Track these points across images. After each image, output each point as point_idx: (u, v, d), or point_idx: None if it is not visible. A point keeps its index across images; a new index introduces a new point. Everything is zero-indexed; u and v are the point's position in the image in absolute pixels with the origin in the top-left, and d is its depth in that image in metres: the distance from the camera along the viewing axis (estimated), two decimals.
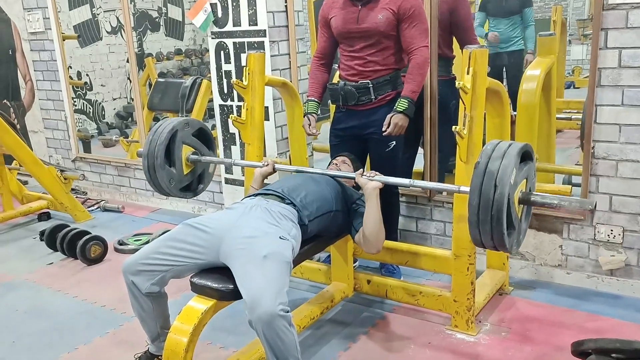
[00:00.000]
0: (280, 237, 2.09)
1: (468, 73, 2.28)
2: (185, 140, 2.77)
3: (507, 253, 2.04)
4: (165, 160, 2.71)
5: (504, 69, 4.87)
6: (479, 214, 1.90)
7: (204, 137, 2.87)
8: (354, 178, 2.40)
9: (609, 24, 2.56)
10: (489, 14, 4.88)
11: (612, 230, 2.76)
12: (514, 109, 3.26)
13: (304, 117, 2.96)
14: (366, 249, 2.41)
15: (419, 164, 3.38)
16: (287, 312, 1.87)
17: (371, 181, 2.33)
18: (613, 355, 2.06)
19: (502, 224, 1.87)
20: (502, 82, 4.71)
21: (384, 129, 2.71)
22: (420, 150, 3.34)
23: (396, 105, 2.70)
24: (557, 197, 2.00)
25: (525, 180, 2.00)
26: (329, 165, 2.78)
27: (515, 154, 1.91)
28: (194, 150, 2.82)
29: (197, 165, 2.85)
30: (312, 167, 3.46)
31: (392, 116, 2.70)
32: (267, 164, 2.62)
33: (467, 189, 1.98)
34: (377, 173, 2.38)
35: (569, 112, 4.67)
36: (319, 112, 2.99)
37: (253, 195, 2.39)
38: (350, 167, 2.68)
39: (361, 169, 2.45)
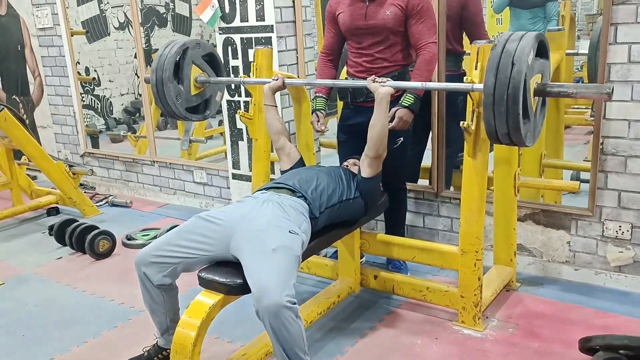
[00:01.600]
0: (290, 232, 2.11)
1: (476, 68, 2.27)
2: (195, 60, 2.76)
3: (522, 145, 1.98)
4: (173, 76, 2.70)
5: None
6: (494, 95, 1.86)
7: (213, 63, 2.87)
8: (366, 86, 2.46)
9: (618, 19, 2.54)
10: (512, 5, 4.81)
11: (620, 227, 2.75)
12: None
13: (312, 113, 2.96)
14: (367, 152, 2.47)
15: (427, 160, 3.37)
16: (294, 303, 1.88)
17: (382, 86, 2.40)
18: (621, 351, 2.06)
19: (517, 104, 1.82)
20: None
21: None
22: (428, 146, 3.33)
23: (402, 99, 2.70)
24: (573, 85, 1.98)
25: (540, 75, 1.98)
26: (340, 166, 2.79)
27: (533, 37, 1.91)
28: (202, 72, 2.81)
29: (205, 88, 2.84)
30: (319, 164, 3.47)
31: (397, 110, 2.69)
32: (277, 78, 2.66)
33: (482, 86, 1.96)
34: (388, 79, 2.46)
35: (577, 108, 4.65)
36: (327, 108, 2.99)
37: (265, 189, 2.40)
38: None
39: (373, 75, 2.49)
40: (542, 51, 2.00)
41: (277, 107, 2.76)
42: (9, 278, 3.37)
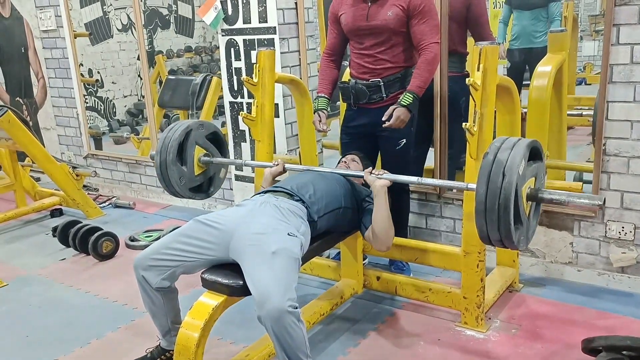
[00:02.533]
0: (289, 234, 2.10)
1: (478, 70, 2.27)
2: (198, 141, 2.79)
3: (515, 249, 2.02)
4: (177, 158, 2.72)
5: (527, 66, 4.75)
6: (486, 203, 1.88)
7: (217, 141, 2.89)
8: (362, 176, 2.40)
9: (621, 19, 2.54)
10: (513, 6, 4.80)
11: (623, 227, 2.74)
12: None
13: (314, 113, 2.97)
14: (376, 247, 2.42)
15: (430, 162, 3.37)
16: (296, 308, 1.88)
17: (379, 179, 2.33)
18: (624, 352, 2.06)
19: (509, 213, 1.84)
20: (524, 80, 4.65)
21: (384, 119, 2.70)
22: (432, 147, 3.33)
23: (401, 98, 2.70)
24: (566, 193, 1.99)
25: (534, 178, 2.00)
26: (338, 163, 2.79)
27: (525, 146, 1.91)
28: (206, 152, 2.83)
29: (209, 167, 2.87)
30: (322, 165, 3.48)
31: (394, 109, 2.69)
32: (278, 164, 2.63)
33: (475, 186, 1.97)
34: (385, 171, 2.38)
35: (580, 109, 4.64)
36: (329, 108, 2.99)
37: (262, 192, 2.40)
38: (359, 165, 2.69)
39: (370, 167, 2.45)
40: (535, 155, 2.00)
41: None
42: (12, 279, 3.38)
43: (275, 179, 2.66)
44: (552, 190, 2.02)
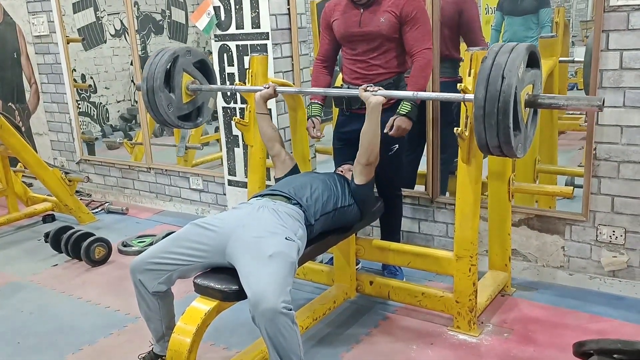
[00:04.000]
0: (286, 238, 2.11)
1: (470, 75, 2.29)
2: (186, 67, 2.74)
3: (513, 157, 1.99)
4: (164, 85, 2.68)
5: None
6: (485, 107, 1.86)
7: (205, 69, 2.84)
8: (357, 95, 2.47)
9: (610, 25, 2.57)
10: (504, 12, 4.85)
11: (614, 232, 2.76)
12: None
13: (307, 120, 2.97)
14: (358, 160, 2.49)
15: (423, 166, 3.38)
16: (290, 310, 1.89)
17: (374, 95, 2.40)
18: (615, 356, 2.06)
19: (508, 116, 1.82)
20: None
21: (386, 131, 2.72)
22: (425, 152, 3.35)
23: (399, 108, 2.71)
24: (564, 97, 1.98)
25: (532, 85, 1.98)
26: (334, 172, 2.79)
27: (524, 49, 1.91)
28: (193, 80, 2.80)
29: (197, 95, 2.82)
30: (315, 170, 3.48)
31: (395, 119, 2.70)
32: (269, 86, 2.66)
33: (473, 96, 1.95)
34: (380, 88, 2.46)
35: (572, 114, 4.67)
36: (322, 114, 3.00)
37: (260, 195, 2.41)
38: None
39: (364, 85, 2.50)
40: (533, 62, 2.01)
41: (269, 114, 2.78)
42: (4, 285, 3.36)
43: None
44: (550, 95, 2.00)
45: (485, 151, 2.02)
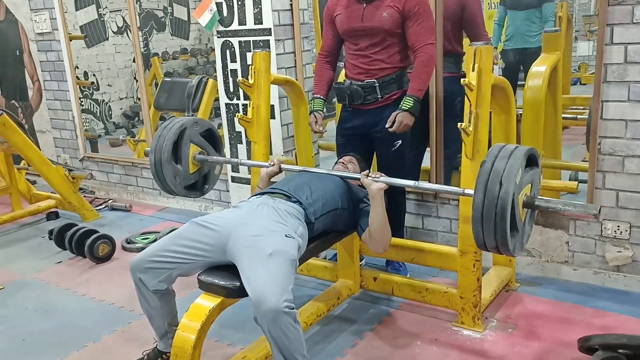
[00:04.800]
0: (286, 236, 2.10)
1: (473, 70, 2.28)
2: (193, 138, 2.78)
3: (510, 256, 2.03)
4: (172, 157, 2.72)
5: (522, 66, 4.75)
6: (483, 212, 1.90)
7: (211, 138, 2.88)
8: (359, 179, 2.41)
9: (614, 19, 2.55)
10: (507, 7, 4.82)
11: (619, 226, 2.75)
12: None
13: (310, 114, 2.97)
14: (372, 248, 2.42)
15: (427, 162, 3.38)
16: (292, 308, 1.88)
17: (375, 182, 2.33)
18: (620, 350, 2.06)
19: (505, 222, 1.86)
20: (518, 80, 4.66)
21: (388, 125, 2.71)
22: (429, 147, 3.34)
23: (402, 103, 2.70)
24: (561, 201, 2.01)
25: (530, 185, 2.00)
26: (335, 164, 2.79)
27: (522, 155, 1.91)
28: (201, 150, 2.83)
29: (203, 164, 2.86)
30: (318, 167, 3.48)
31: (397, 114, 2.70)
32: (274, 164, 2.63)
33: (472, 191, 1.97)
34: (382, 174, 2.38)
35: (575, 109, 4.65)
36: (325, 109, 3.00)
37: (259, 193, 2.40)
38: (356, 166, 2.69)
39: (367, 170, 2.46)
40: (532, 162, 2.01)
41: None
42: (8, 283, 3.37)
43: (272, 179, 2.66)
44: (547, 198, 2.03)
45: (482, 249, 2.05)
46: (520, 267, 3.03)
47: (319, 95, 2.97)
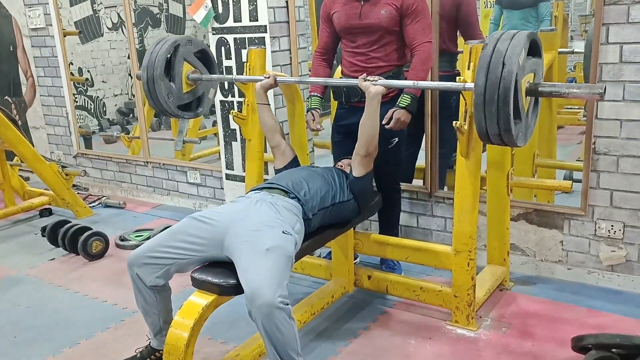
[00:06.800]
0: (283, 232, 2.10)
1: (469, 68, 2.27)
2: (187, 57, 2.72)
3: (513, 146, 1.97)
4: (165, 73, 2.67)
5: None
6: (485, 95, 1.84)
7: (206, 59, 2.83)
8: (357, 85, 2.45)
9: (610, 19, 2.55)
10: (503, 6, 4.82)
11: (612, 226, 2.76)
12: None
13: (306, 112, 2.96)
14: (357, 151, 2.48)
15: (422, 160, 3.38)
16: (287, 304, 1.88)
17: (374, 85, 2.38)
18: (613, 350, 2.07)
19: (508, 104, 1.80)
20: None
21: (384, 122, 2.71)
22: (423, 146, 3.33)
23: (399, 100, 2.70)
24: (565, 85, 1.96)
25: (533, 73, 1.96)
26: (334, 166, 2.78)
27: (525, 36, 1.88)
28: (194, 69, 2.78)
29: (197, 85, 2.80)
30: (313, 164, 3.46)
31: (394, 111, 2.69)
32: (269, 76, 2.65)
33: (473, 85, 1.92)
34: (380, 77, 2.44)
35: (570, 109, 4.66)
36: (321, 107, 2.99)
37: (258, 189, 2.40)
38: None
39: (364, 74, 2.49)
40: (534, 50, 1.99)
41: (270, 105, 2.76)
42: (1, 279, 3.35)
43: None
44: (551, 82, 1.98)
45: (485, 140, 2.00)
46: (514, 267, 3.03)
47: (316, 93, 2.96)
